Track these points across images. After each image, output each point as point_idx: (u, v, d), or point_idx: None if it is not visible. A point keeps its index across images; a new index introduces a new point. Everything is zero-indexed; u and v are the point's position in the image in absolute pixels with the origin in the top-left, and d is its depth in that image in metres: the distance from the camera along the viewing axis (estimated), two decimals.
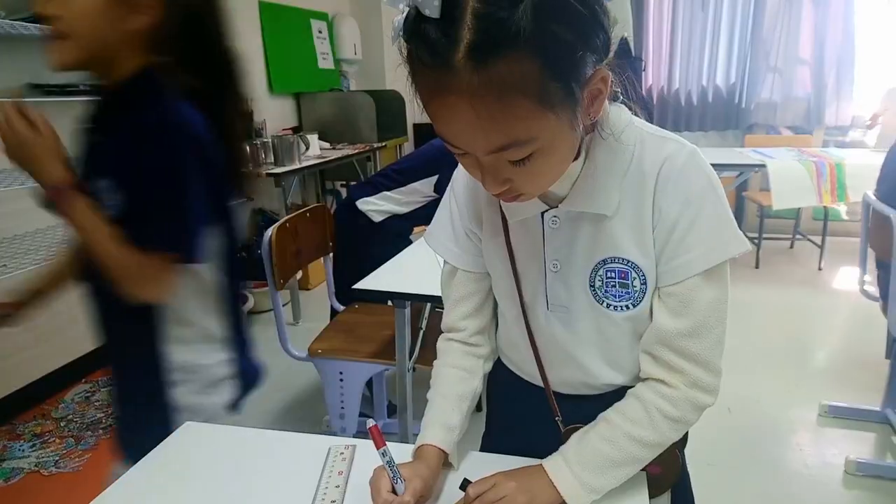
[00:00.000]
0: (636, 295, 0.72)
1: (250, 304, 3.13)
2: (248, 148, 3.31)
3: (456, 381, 0.86)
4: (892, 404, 2.24)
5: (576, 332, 0.77)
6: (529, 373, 0.85)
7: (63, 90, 2.44)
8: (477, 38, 0.53)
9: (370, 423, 0.75)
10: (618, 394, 0.78)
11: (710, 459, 2.08)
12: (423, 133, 5.09)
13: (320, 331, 2.05)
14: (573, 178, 0.71)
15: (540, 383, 0.84)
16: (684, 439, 0.88)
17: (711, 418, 2.44)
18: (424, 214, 2.34)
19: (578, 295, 0.75)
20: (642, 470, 0.78)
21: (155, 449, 0.93)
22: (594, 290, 0.74)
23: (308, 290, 3.76)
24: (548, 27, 0.53)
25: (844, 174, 3.33)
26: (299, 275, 3.52)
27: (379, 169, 3.14)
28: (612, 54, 0.61)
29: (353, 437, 1.09)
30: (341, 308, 2.22)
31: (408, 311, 1.72)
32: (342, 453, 0.89)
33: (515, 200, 0.67)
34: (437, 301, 1.65)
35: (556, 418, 0.82)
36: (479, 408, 0.97)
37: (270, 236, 1.76)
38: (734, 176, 3.81)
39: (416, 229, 2.50)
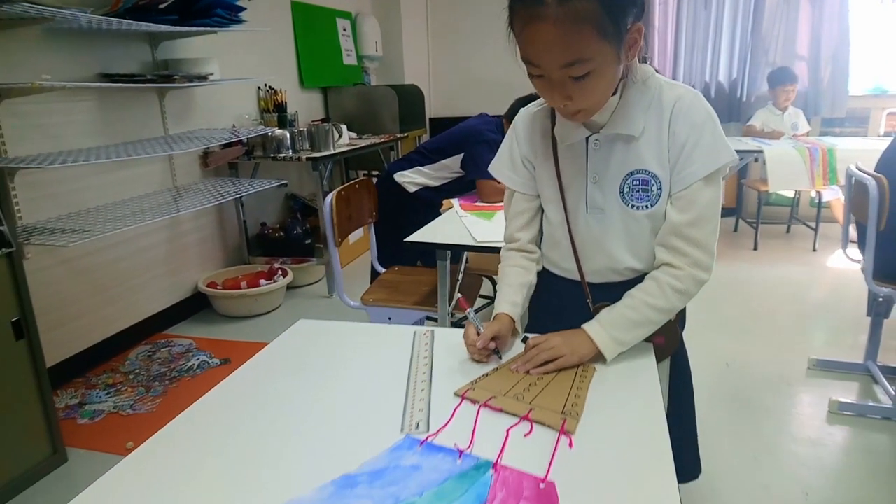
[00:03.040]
0: (654, 198, 1.01)
1: (290, 278, 3.41)
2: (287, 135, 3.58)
3: (517, 274, 1.15)
4: (872, 357, 2.51)
5: (607, 228, 1.06)
6: (567, 268, 1.14)
7: (131, 79, 2.73)
8: None
9: (458, 295, 1.03)
10: (636, 281, 1.07)
11: (710, 403, 2.35)
12: (439, 126, 5.38)
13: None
14: (611, 110, 1.00)
15: (576, 276, 1.12)
16: (683, 320, 1.16)
17: (711, 371, 2.78)
18: (452, 188, 2.64)
19: (611, 199, 1.04)
20: (649, 341, 1.06)
21: (274, 341, 1.21)
22: (623, 195, 1.03)
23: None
24: None
25: (835, 159, 3.60)
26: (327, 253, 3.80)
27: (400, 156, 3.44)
28: (644, 13, 0.89)
29: None
30: (382, 270, 2.51)
31: (448, 263, 2.01)
32: (425, 335, 1.17)
33: (573, 117, 0.96)
34: (471, 249, 1.97)
35: (588, 300, 1.10)
36: None
37: (331, 200, 2.05)
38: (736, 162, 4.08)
39: (444, 203, 2.79)
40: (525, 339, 1.03)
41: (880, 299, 2.39)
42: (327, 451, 0.81)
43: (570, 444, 0.81)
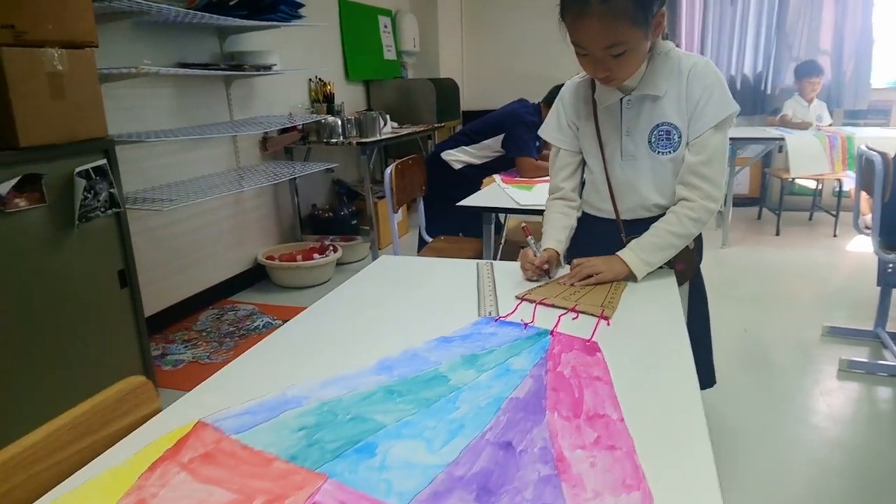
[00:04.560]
0: (675, 144, 1.28)
1: (339, 253, 3.71)
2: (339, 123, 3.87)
3: (560, 219, 1.42)
4: (882, 324, 2.71)
5: (638, 172, 1.32)
6: (605, 209, 1.39)
7: (205, 67, 3.05)
8: None
9: (523, 224, 1.30)
10: (660, 217, 1.32)
11: (730, 363, 2.57)
12: (472, 117, 5.64)
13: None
14: (640, 76, 1.26)
15: (612, 215, 1.38)
16: (700, 252, 1.42)
17: (731, 337, 3.06)
18: (493, 166, 2.90)
19: (641, 148, 1.30)
20: (670, 268, 1.31)
21: (361, 271, 1.49)
22: (650, 144, 1.29)
23: (379, 249, 4.34)
24: None
25: (854, 146, 3.78)
26: (372, 233, 4.10)
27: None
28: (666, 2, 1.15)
29: None
30: (429, 239, 2.78)
31: (493, 227, 2.28)
32: (487, 265, 1.44)
33: (610, 84, 1.22)
34: (514, 212, 2.24)
35: (622, 234, 1.36)
36: None
37: (391, 172, 2.34)
38: (760, 149, 4.29)
39: (484, 180, 3.06)
40: (570, 261, 1.30)
41: (889, 269, 2.60)
42: (425, 327, 1.08)
43: (608, 324, 1.07)
